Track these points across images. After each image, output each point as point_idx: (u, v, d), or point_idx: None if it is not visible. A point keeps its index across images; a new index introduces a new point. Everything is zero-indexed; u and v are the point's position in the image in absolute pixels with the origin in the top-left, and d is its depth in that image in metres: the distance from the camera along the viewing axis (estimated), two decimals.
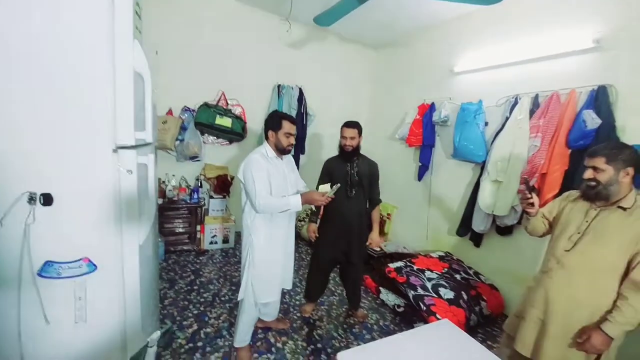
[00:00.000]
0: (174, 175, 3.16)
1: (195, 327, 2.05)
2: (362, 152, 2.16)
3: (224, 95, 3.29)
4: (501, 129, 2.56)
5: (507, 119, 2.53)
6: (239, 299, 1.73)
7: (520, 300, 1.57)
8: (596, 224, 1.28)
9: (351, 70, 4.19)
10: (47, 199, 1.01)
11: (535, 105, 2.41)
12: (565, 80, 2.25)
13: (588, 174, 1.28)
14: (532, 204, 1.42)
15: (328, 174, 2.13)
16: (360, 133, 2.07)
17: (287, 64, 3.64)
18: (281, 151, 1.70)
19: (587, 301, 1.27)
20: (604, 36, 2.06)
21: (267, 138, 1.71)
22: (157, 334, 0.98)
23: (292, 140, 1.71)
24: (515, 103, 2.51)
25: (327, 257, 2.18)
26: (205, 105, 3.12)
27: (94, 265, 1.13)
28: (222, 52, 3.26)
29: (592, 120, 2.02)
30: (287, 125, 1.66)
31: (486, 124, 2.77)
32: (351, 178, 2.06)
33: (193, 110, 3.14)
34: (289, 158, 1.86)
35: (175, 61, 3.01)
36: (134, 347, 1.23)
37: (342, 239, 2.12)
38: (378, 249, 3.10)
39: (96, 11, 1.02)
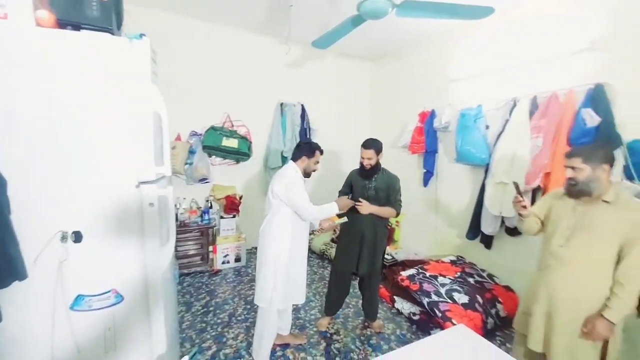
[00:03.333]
0: (184, 198, 3.24)
1: (214, 348, 2.08)
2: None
3: (229, 117, 3.40)
4: (502, 132, 2.60)
5: (507, 121, 2.58)
6: (257, 303, 1.83)
7: (524, 297, 1.65)
8: (584, 219, 1.37)
9: (350, 83, 4.30)
10: (78, 236, 1.08)
11: (534, 106, 2.45)
12: (563, 81, 2.29)
13: (568, 173, 1.39)
14: (525, 207, 1.53)
15: (349, 184, 2.29)
16: (378, 152, 2.12)
17: (288, 82, 3.77)
18: (307, 174, 1.95)
19: (586, 291, 1.35)
20: (599, 37, 2.12)
21: (296, 159, 1.92)
22: (185, 359, 1.03)
23: (318, 167, 1.99)
24: (515, 105, 2.56)
25: (343, 268, 2.25)
26: (212, 128, 3.23)
27: (121, 296, 1.19)
28: (226, 77, 3.41)
29: (591, 118, 2.05)
30: (319, 156, 1.95)
31: (487, 127, 2.81)
32: (367, 192, 2.15)
33: (200, 134, 3.25)
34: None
35: (182, 89, 3.14)
36: None
37: (355, 251, 2.18)
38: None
39: (119, 63, 1.12)
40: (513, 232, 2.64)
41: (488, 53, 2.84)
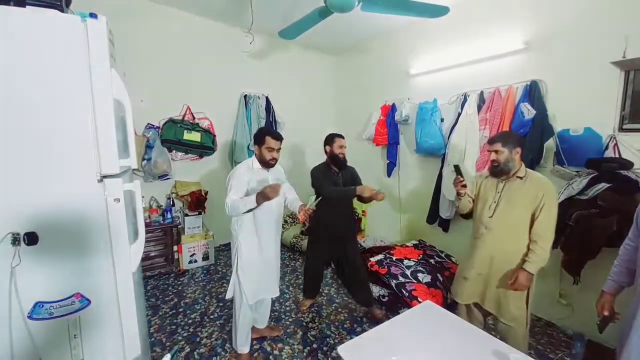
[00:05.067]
0: (143, 197, 3.02)
1: (187, 349, 2.01)
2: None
3: (190, 109, 3.22)
4: (455, 124, 2.84)
5: (459, 114, 2.82)
6: (227, 297, 1.84)
7: (462, 263, 1.92)
8: (505, 193, 1.67)
9: (315, 77, 4.32)
10: (32, 238, 0.97)
11: (481, 100, 2.71)
12: (504, 78, 2.56)
13: (492, 156, 1.67)
14: (465, 186, 1.79)
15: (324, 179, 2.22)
16: None
17: (252, 74, 3.67)
18: (264, 164, 1.81)
19: (509, 251, 1.65)
20: (531, 39, 2.40)
21: (254, 151, 1.85)
22: (167, 357, 0.99)
23: (275, 154, 1.80)
24: (465, 100, 2.80)
25: (322, 259, 2.39)
26: (171, 121, 3.04)
27: (87, 300, 1.10)
28: (185, 67, 3.20)
29: (528, 111, 2.33)
30: (270, 141, 1.76)
31: (442, 120, 3.04)
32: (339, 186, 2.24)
33: (158, 127, 3.04)
34: (278, 169, 1.97)
35: (136, 79, 2.88)
36: None
37: (336, 242, 2.30)
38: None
39: (73, 45, 1.01)
40: (467, 215, 2.90)
41: (442, 51, 3.06)
